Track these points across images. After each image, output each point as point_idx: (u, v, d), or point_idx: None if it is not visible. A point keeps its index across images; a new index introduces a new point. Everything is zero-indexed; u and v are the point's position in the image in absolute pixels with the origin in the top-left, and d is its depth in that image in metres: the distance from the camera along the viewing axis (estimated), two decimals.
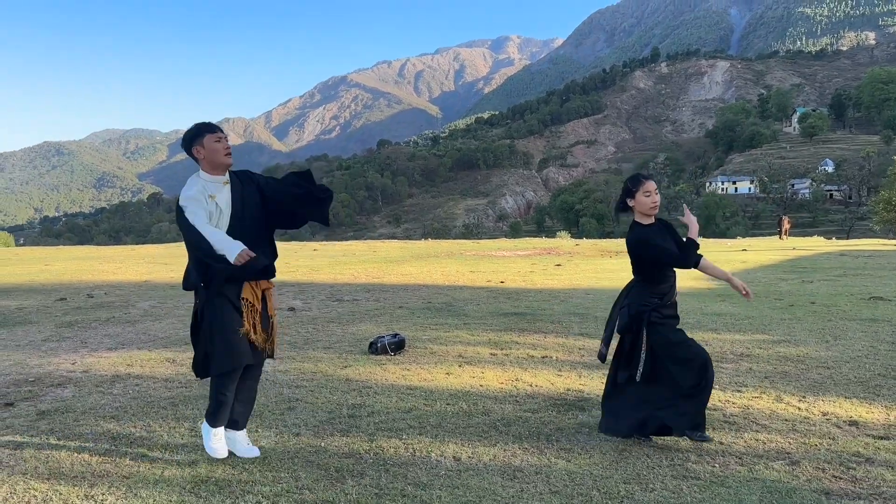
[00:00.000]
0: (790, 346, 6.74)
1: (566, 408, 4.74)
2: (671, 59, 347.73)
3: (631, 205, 4.02)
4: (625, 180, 4.13)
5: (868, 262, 17.06)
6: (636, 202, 3.97)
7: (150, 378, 5.72)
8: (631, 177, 4.13)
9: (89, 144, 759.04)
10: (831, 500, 3.21)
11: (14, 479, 3.48)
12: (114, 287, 13.34)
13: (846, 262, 17.57)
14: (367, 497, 3.26)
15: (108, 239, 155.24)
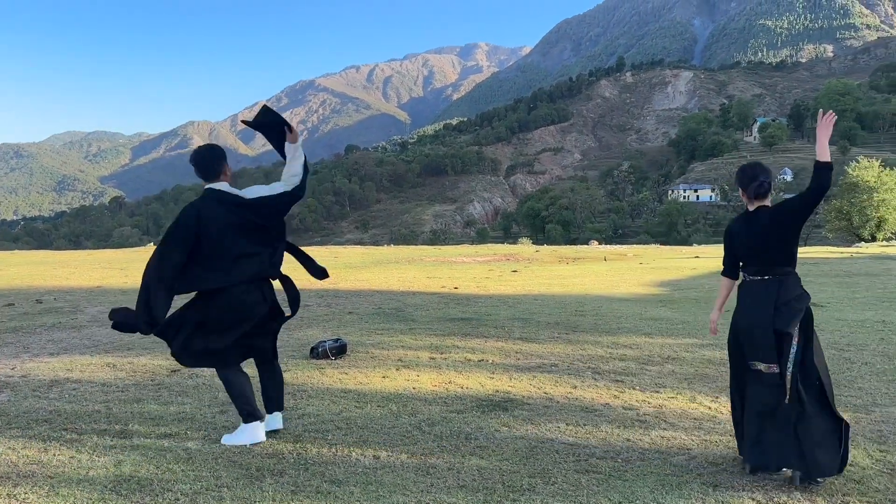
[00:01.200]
0: (716, 349, 7.04)
1: (491, 408, 4.94)
2: (636, 69, 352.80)
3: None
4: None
5: (812, 269, 17.64)
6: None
7: (88, 382, 5.78)
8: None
9: (50, 146, 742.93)
10: (717, 491, 3.46)
11: None
12: (65, 292, 13.24)
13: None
14: (282, 494, 3.42)
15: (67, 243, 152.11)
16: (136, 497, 3.37)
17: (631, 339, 7.70)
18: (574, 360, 6.61)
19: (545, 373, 6.07)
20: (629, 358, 6.69)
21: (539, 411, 4.87)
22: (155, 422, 4.64)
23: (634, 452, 4.02)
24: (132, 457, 3.93)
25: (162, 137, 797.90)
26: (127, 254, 32.03)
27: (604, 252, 29.61)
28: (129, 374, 6.08)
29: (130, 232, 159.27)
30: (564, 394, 5.35)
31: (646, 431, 4.40)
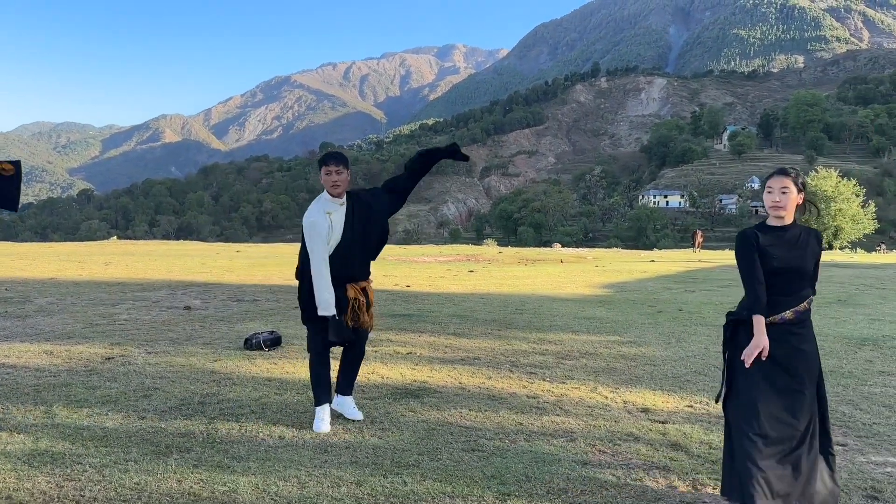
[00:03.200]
0: (634, 346, 7.44)
1: (403, 396, 5.25)
2: (611, 75, 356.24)
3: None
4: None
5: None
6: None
7: (22, 368, 5.98)
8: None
9: (17, 137, 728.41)
10: (585, 468, 3.80)
11: None
12: (17, 283, 13.29)
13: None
14: (184, 468, 3.69)
15: (33, 235, 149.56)
16: (48, 469, 3.62)
17: (557, 336, 8.07)
18: (497, 354, 6.96)
19: (466, 365, 6.40)
20: (549, 353, 7.05)
21: (448, 399, 5.19)
22: (79, 404, 4.87)
23: (522, 434, 4.36)
24: (50, 434, 4.17)
25: (133, 130, 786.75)
26: (88, 247, 31.83)
27: (563, 255, 30.12)
28: (65, 361, 6.29)
29: (98, 225, 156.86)
30: (477, 384, 5.68)
31: (539, 417, 4.75)
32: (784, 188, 3.21)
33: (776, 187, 3.23)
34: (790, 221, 3.25)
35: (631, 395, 5.38)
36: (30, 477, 3.50)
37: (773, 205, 3.23)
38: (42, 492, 3.33)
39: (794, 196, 3.21)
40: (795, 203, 3.23)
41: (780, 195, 3.22)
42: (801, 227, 3.27)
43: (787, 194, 3.21)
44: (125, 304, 10.43)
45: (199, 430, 4.35)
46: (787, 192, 3.21)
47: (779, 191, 3.22)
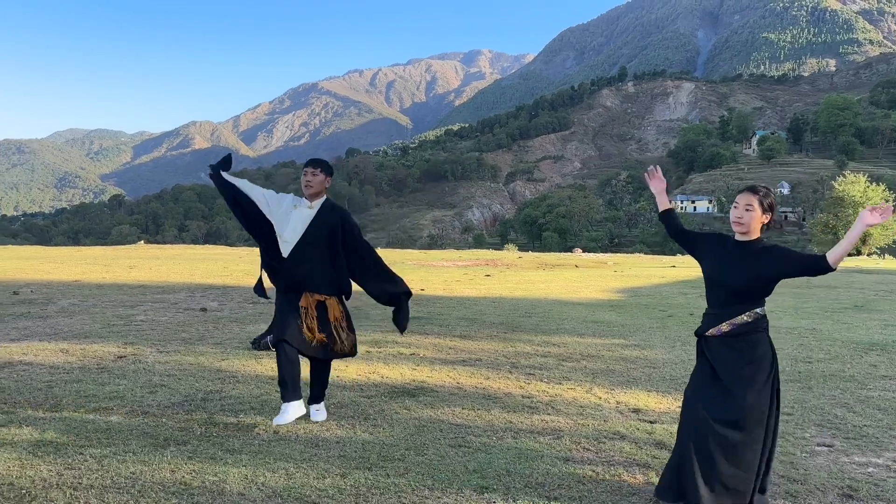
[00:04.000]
0: (637, 349, 7.49)
1: (400, 394, 5.38)
2: (638, 79, 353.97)
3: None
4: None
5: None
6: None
7: (38, 365, 6.21)
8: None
9: (52, 143, 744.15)
10: (566, 464, 3.89)
11: None
12: (43, 285, 13.67)
13: None
14: (179, 459, 3.85)
15: (66, 240, 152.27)
16: (50, 458, 3.80)
17: (562, 339, 8.14)
18: (499, 355, 7.06)
19: (467, 366, 6.50)
20: (551, 355, 7.13)
21: (443, 398, 5.30)
22: (87, 399, 5.07)
23: (510, 432, 4.45)
24: (56, 426, 4.36)
25: (164, 137, 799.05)
26: (115, 251, 32.48)
27: (582, 260, 30.06)
28: (78, 359, 6.52)
29: (129, 230, 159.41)
30: (475, 384, 5.79)
31: (529, 415, 4.84)
32: (748, 205, 3.29)
33: (741, 203, 3.31)
34: (754, 237, 3.32)
35: (625, 396, 5.45)
36: (32, 465, 3.68)
37: (735, 220, 3.33)
38: (42, 479, 3.51)
39: (757, 214, 3.28)
40: (760, 222, 3.30)
41: (743, 211, 3.30)
42: (762, 244, 3.30)
43: (750, 212, 3.28)
44: (144, 306, 10.70)
45: (198, 424, 4.51)
46: (751, 209, 3.28)
47: (743, 207, 3.30)
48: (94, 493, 3.35)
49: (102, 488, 3.41)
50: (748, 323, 3.26)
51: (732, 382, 3.22)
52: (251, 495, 3.37)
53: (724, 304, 3.30)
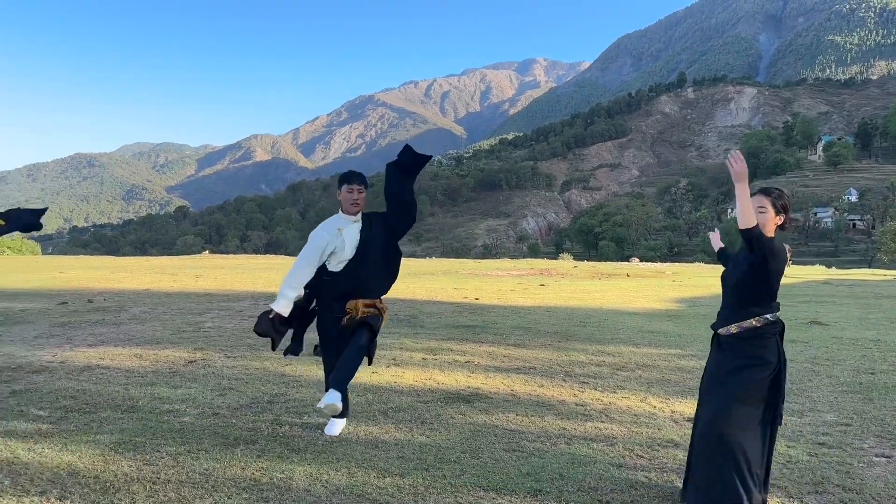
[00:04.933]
0: (693, 360, 7.45)
1: (455, 400, 5.52)
2: (698, 85, 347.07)
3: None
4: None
5: (843, 290, 17.56)
6: None
7: (115, 369, 6.59)
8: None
9: (120, 157, 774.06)
10: (619, 470, 3.97)
11: None
12: (115, 294, 14.34)
13: (822, 289, 18.10)
14: (248, 457, 4.08)
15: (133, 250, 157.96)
16: (130, 454, 4.08)
17: (617, 349, 8.15)
18: (553, 364, 7.13)
19: (520, 374, 6.61)
20: (606, 364, 7.16)
21: (498, 404, 5.42)
22: (162, 401, 5.38)
23: (563, 438, 4.54)
24: (134, 426, 4.66)
25: (226, 150, 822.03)
26: (182, 261, 33.63)
27: (639, 269, 29.68)
28: (152, 363, 6.88)
29: (193, 240, 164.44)
30: (528, 391, 5.89)
31: (583, 423, 4.92)
32: (761, 207, 3.35)
33: (754, 205, 3.35)
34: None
35: (680, 406, 5.46)
36: (114, 461, 3.96)
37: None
38: (124, 473, 3.78)
39: (770, 216, 3.35)
40: (774, 223, 3.37)
41: (756, 214, 3.33)
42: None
43: (763, 213, 3.34)
44: (211, 314, 11.14)
45: (265, 425, 4.75)
46: (764, 211, 3.34)
47: (756, 209, 3.34)
48: (171, 488, 3.59)
49: (179, 483, 3.66)
50: (756, 328, 3.31)
51: (713, 383, 3.36)
52: (316, 492, 3.56)
53: (732, 305, 3.39)
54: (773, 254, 3.25)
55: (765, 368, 3.28)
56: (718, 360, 3.42)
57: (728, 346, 3.37)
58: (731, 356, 3.34)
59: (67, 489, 3.53)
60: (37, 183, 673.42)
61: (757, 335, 3.31)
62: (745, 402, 3.24)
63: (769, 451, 3.34)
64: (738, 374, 3.28)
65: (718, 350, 3.45)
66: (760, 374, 3.26)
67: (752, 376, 3.26)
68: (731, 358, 3.34)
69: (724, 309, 3.45)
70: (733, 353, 3.34)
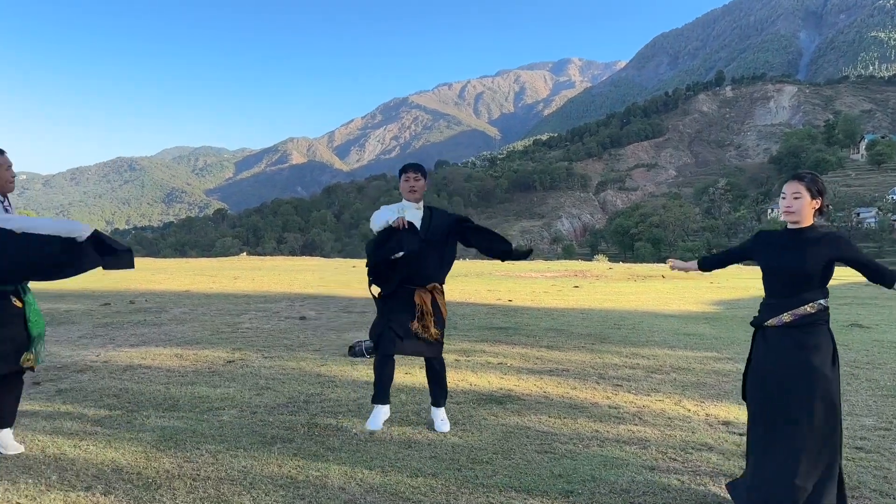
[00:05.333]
0: (729, 363, 7.36)
1: (487, 402, 5.55)
2: (736, 83, 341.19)
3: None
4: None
5: (886, 292, 17.13)
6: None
7: (156, 369, 6.77)
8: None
9: (160, 161, 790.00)
10: (652, 472, 3.96)
11: (27, 434, 4.51)
12: (156, 295, 14.68)
13: (864, 291, 17.69)
14: (285, 455, 4.17)
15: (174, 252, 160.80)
16: (171, 452, 4.21)
17: (652, 351, 8.09)
18: (587, 366, 7.12)
19: (553, 376, 6.61)
20: (640, 367, 7.12)
21: (530, 406, 5.44)
22: (201, 400, 5.52)
23: (596, 440, 4.55)
24: (175, 424, 4.79)
25: (263, 153, 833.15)
26: (220, 262, 34.23)
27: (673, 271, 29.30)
28: (192, 363, 7.05)
29: (231, 242, 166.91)
30: (561, 394, 5.89)
31: (616, 425, 4.91)
32: (796, 193, 3.31)
33: (789, 192, 3.34)
34: (807, 225, 3.32)
35: (715, 409, 5.42)
36: (156, 458, 4.08)
37: (785, 209, 3.35)
38: (166, 470, 3.89)
39: (806, 201, 3.29)
40: (811, 207, 3.30)
41: (791, 200, 3.32)
42: (818, 231, 3.31)
43: (799, 199, 3.30)
44: (248, 314, 11.34)
45: (302, 424, 4.84)
46: (799, 197, 3.30)
47: (791, 196, 3.33)
48: (210, 484, 3.69)
49: (218, 480, 3.76)
50: (811, 314, 3.24)
51: (787, 375, 3.23)
52: (350, 490, 3.63)
53: (786, 293, 3.29)
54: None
55: (823, 355, 3.22)
56: (771, 355, 3.30)
57: (779, 337, 3.27)
58: (786, 348, 3.25)
59: (111, 485, 3.65)
60: (80, 186, 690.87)
61: (812, 322, 3.26)
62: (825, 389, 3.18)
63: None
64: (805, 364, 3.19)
65: (766, 345, 3.34)
66: (820, 361, 3.20)
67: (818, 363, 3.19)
68: (788, 349, 3.24)
69: (772, 298, 3.37)
70: (787, 344, 3.25)
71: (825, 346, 3.24)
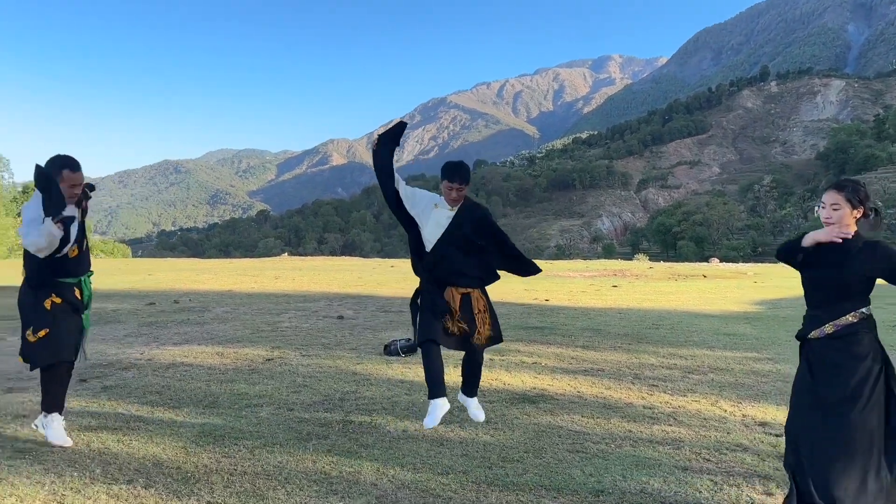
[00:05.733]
0: (769, 363, 7.24)
1: (520, 401, 5.57)
2: (782, 78, 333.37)
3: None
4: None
5: None
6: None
7: (198, 366, 6.94)
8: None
9: (205, 163, 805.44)
10: (685, 473, 3.93)
11: (73, 429, 4.67)
12: (199, 294, 15.00)
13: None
14: (320, 451, 4.25)
15: (218, 252, 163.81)
16: (210, 447, 4.32)
17: (690, 351, 8.00)
18: (622, 366, 7.07)
19: (588, 376, 6.58)
20: (677, 367, 7.05)
21: (563, 405, 5.44)
22: (240, 397, 5.65)
23: (629, 440, 4.53)
24: (214, 420, 4.92)
25: (304, 155, 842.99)
26: (262, 262, 34.77)
27: (718, 270, 28.83)
28: (232, 361, 7.21)
29: (274, 243, 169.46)
30: (595, 393, 5.87)
31: (650, 426, 4.88)
32: (835, 205, 3.20)
33: (827, 203, 3.24)
34: (850, 235, 3.19)
35: (752, 410, 5.34)
36: (195, 453, 4.21)
37: (825, 220, 3.24)
38: (204, 465, 4.01)
39: (846, 211, 3.18)
40: (852, 217, 3.19)
41: (831, 211, 3.21)
42: (860, 240, 3.19)
43: (838, 210, 3.20)
44: (288, 314, 11.53)
45: (336, 421, 4.92)
46: (838, 208, 3.20)
47: (830, 207, 3.22)
48: (247, 479, 3.79)
49: (254, 475, 3.86)
50: (853, 324, 3.16)
51: (830, 391, 3.14)
52: (382, 486, 3.69)
53: (827, 304, 3.21)
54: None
55: (870, 363, 3.13)
56: (816, 367, 3.22)
57: (823, 350, 3.21)
58: (831, 359, 3.18)
59: (152, 478, 3.78)
60: (127, 189, 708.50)
61: (855, 331, 3.19)
62: (857, 404, 3.09)
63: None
64: (850, 374, 3.12)
65: (812, 357, 3.26)
66: (866, 370, 3.12)
67: (861, 373, 3.11)
68: (833, 361, 3.16)
69: (814, 309, 3.29)
70: (831, 356, 3.18)
71: (871, 355, 3.16)
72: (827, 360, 3.18)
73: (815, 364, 3.22)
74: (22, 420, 4.87)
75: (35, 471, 3.86)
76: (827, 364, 3.18)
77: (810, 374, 3.24)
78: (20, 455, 4.13)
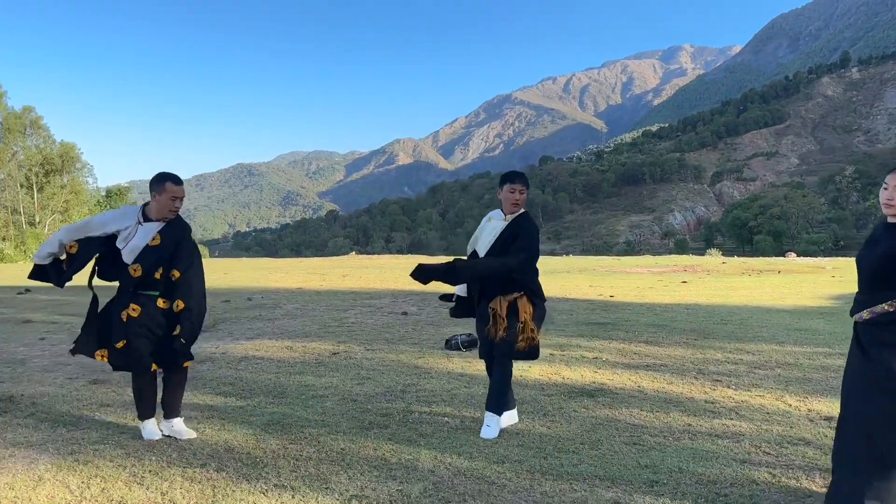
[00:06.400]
0: (840, 358, 7.01)
1: (579, 395, 5.60)
2: (864, 64, 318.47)
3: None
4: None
5: None
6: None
7: (268, 360, 7.24)
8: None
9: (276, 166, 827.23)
10: (743, 465, 3.90)
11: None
12: (271, 292, 15.53)
13: None
14: (381, 440, 4.41)
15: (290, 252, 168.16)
16: (278, 434, 4.54)
17: (758, 347, 7.83)
18: (686, 361, 6.99)
19: (650, 370, 6.55)
20: (743, 362, 6.92)
21: (622, 399, 5.44)
22: (307, 388, 5.88)
23: (687, 434, 4.51)
24: (283, 409, 5.16)
25: (371, 155, 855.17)
26: (331, 261, 35.58)
27: (796, 265, 27.83)
28: (300, 355, 7.49)
29: (342, 242, 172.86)
30: (656, 388, 5.84)
31: (710, 420, 4.84)
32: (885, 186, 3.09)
33: (891, 184, 3.09)
34: None
35: (818, 405, 5.22)
36: (264, 440, 4.43)
37: (885, 202, 3.11)
38: (272, 451, 4.22)
39: None
40: None
41: (893, 192, 3.07)
42: None
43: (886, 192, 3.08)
44: (354, 310, 11.83)
45: (397, 411, 5.08)
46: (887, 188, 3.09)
47: (893, 188, 3.07)
48: (311, 464, 3.98)
49: (318, 460, 4.04)
50: (889, 313, 3.04)
51: (866, 377, 3.07)
52: (439, 472, 3.81)
53: (868, 289, 3.12)
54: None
55: (887, 356, 3.02)
56: (854, 351, 3.22)
57: (863, 334, 3.14)
58: (865, 345, 3.12)
59: (224, 463, 4.01)
60: (204, 192, 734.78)
61: (892, 320, 3.11)
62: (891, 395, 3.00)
63: None
64: (873, 364, 3.04)
65: (855, 340, 3.23)
66: (886, 363, 3.01)
67: (891, 363, 2.99)
68: (866, 347, 3.10)
69: (860, 294, 3.22)
70: (866, 341, 3.12)
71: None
72: (864, 345, 3.13)
73: (856, 346, 3.19)
74: (106, 409, 5.22)
75: (117, 455, 4.15)
76: (863, 349, 3.13)
77: (851, 356, 3.22)
78: (104, 441, 4.44)
